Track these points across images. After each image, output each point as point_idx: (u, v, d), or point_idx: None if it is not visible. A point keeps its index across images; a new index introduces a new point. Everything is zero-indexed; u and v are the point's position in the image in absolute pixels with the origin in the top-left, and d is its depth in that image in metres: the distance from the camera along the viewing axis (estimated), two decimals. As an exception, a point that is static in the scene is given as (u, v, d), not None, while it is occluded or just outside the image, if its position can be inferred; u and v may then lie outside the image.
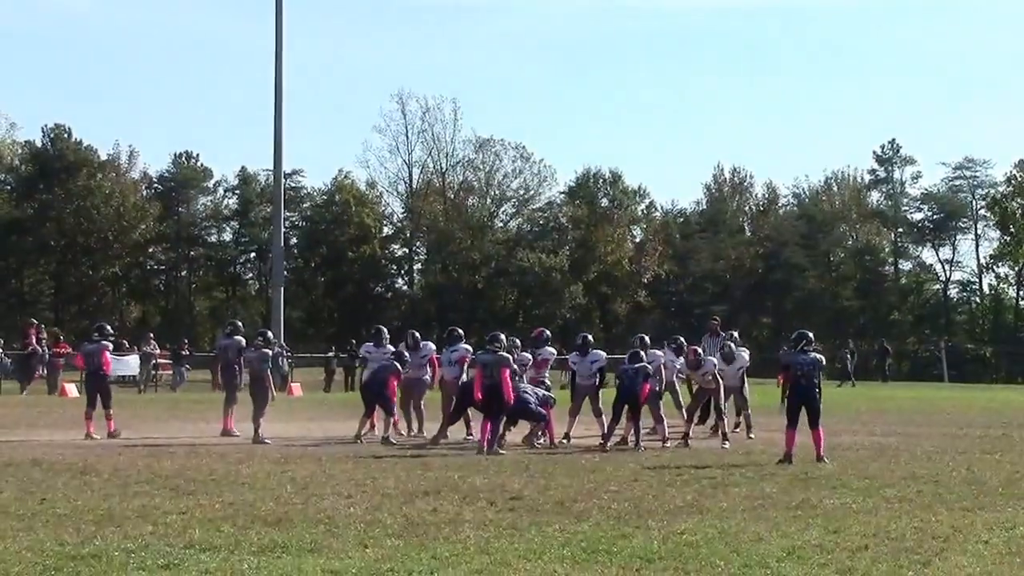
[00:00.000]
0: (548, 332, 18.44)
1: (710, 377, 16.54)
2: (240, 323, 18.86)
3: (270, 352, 17.17)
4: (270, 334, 17.85)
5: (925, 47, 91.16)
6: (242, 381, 17.64)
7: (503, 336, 15.91)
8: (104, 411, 16.91)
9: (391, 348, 17.58)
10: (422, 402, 17.53)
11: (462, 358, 17.21)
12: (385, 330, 18.14)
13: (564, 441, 16.11)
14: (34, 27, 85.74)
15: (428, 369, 17.55)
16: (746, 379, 17.57)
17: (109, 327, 18.80)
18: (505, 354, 15.42)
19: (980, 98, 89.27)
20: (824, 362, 14.35)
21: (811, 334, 14.49)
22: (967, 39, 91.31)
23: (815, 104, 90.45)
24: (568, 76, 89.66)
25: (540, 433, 16.04)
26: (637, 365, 15.70)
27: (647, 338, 17.16)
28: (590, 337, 16.92)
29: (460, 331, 17.94)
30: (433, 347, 18.20)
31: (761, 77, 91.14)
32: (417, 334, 18.03)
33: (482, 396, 15.13)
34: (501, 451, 14.79)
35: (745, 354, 17.51)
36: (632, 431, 15.67)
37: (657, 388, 16.27)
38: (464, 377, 16.78)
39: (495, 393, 15.04)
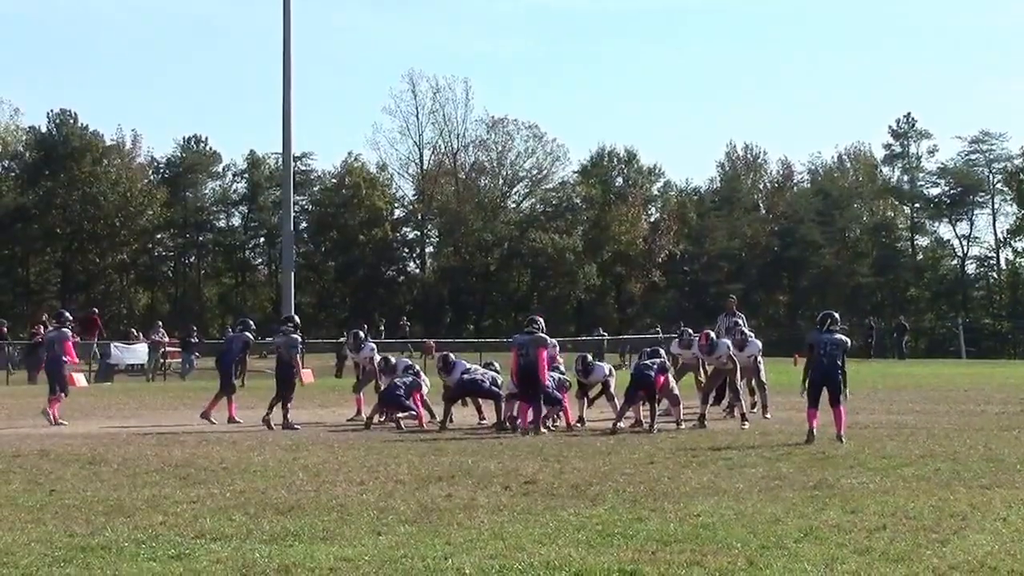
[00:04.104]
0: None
1: (725, 360, 16.50)
2: (251, 322, 18.94)
3: (299, 338, 17.18)
4: (296, 319, 17.87)
5: (940, 19, 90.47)
6: (239, 373, 17.71)
7: (541, 320, 16.13)
8: (50, 395, 17.01)
9: (406, 361, 18.05)
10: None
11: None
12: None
13: (578, 425, 16.11)
14: (38, 11, 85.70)
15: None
16: (761, 362, 17.54)
17: (68, 313, 18.86)
18: (542, 335, 15.56)
19: (996, 70, 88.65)
20: (849, 343, 14.22)
21: (837, 315, 14.47)
22: (982, 11, 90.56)
23: (829, 79, 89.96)
24: (582, 54, 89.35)
25: (555, 417, 16.04)
26: (657, 361, 15.78)
27: (690, 331, 18.08)
28: (589, 357, 17.23)
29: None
30: (374, 346, 18.79)
31: (774, 52, 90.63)
32: (361, 333, 18.77)
33: (518, 376, 15.34)
34: (545, 430, 15.04)
35: (757, 341, 17.56)
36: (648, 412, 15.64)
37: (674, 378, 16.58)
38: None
39: (530, 372, 15.17)
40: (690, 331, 18.31)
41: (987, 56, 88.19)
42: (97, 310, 38.68)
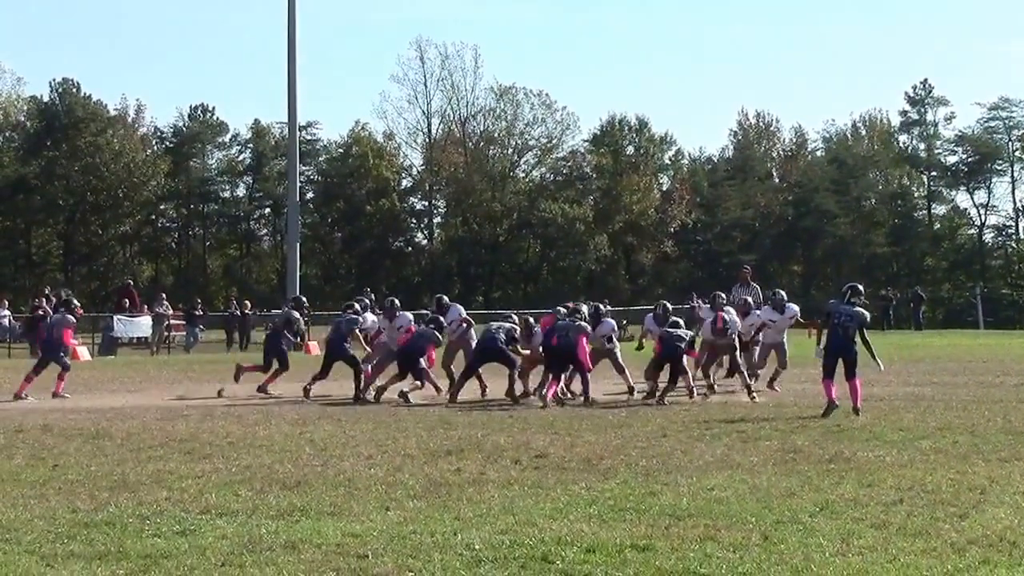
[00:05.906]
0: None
1: (734, 338, 16.38)
2: (304, 299, 19.12)
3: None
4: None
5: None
6: (273, 350, 17.76)
7: (584, 307, 16.51)
8: (60, 373, 17.00)
9: (409, 316, 17.78)
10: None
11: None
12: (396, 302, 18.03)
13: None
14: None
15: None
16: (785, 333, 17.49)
17: (76, 301, 19.13)
18: (584, 324, 15.80)
19: (1017, 35, 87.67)
20: (868, 317, 13.97)
21: (861, 287, 14.33)
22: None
23: (843, 44, 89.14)
24: (592, 20, 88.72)
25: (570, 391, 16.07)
26: (682, 333, 15.72)
27: (666, 304, 17.58)
28: (601, 307, 17.47)
29: (446, 299, 18.18)
30: (411, 316, 18.21)
31: (787, 17, 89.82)
32: (397, 301, 18.13)
33: (549, 355, 15.50)
34: (556, 403, 15.04)
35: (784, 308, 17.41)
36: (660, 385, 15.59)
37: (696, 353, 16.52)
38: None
39: (563, 353, 15.31)
40: (666, 304, 17.49)
41: (1008, 20, 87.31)
42: (132, 281, 38.65)
